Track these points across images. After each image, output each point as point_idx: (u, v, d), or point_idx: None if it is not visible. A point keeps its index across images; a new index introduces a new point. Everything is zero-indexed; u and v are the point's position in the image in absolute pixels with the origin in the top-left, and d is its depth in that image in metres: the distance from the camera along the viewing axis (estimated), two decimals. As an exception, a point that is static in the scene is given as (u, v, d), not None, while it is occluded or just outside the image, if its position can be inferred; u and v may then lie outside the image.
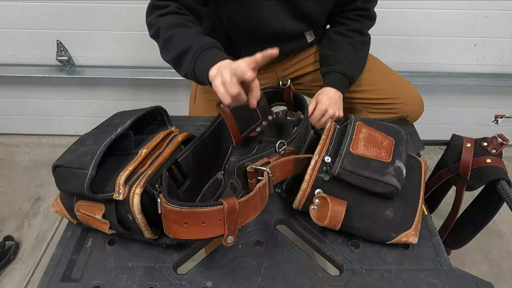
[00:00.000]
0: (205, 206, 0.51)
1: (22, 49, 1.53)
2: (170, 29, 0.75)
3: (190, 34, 0.74)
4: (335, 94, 0.89)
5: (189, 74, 0.73)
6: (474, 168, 0.79)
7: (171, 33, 0.74)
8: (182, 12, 0.78)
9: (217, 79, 0.62)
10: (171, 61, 0.77)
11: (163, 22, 0.75)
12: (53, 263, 0.63)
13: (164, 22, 0.75)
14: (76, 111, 1.78)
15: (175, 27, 0.75)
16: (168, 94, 1.69)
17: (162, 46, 0.78)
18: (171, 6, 0.77)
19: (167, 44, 0.76)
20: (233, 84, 0.58)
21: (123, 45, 1.51)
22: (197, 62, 0.70)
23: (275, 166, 0.62)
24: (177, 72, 0.79)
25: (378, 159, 0.64)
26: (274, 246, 0.65)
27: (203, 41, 0.72)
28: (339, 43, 0.95)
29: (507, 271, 1.30)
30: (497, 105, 1.66)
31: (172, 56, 0.75)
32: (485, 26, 1.40)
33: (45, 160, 1.76)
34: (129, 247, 0.65)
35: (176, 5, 0.77)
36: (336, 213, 0.61)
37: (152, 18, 0.78)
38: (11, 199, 1.57)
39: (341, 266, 0.62)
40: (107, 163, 0.61)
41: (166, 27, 0.75)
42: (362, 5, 0.92)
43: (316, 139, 0.72)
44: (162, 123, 0.75)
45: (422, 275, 0.61)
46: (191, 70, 0.72)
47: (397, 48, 1.48)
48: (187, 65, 0.72)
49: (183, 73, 0.76)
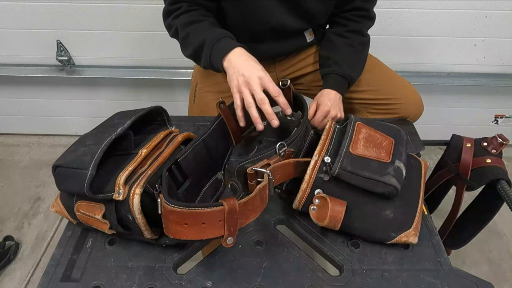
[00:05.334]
0: (206, 206, 0.51)
1: (22, 49, 1.53)
2: (185, 28, 0.81)
3: (203, 28, 0.80)
4: (335, 95, 0.89)
5: (208, 66, 0.80)
6: (474, 168, 0.79)
7: (187, 32, 0.81)
8: (193, 9, 0.83)
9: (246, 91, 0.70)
10: (191, 57, 0.85)
11: (179, 22, 0.82)
12: (53, 263, 0.63)
13: (179, 22, 0.82)
14: (76, 111, 1.78)
15: (188, 25, 0.81)
16: (167, 94, 1.69)
17: (181, 44, 0.85)
18: (183, 7, 0.83)
19: (184, 42, 0.83)
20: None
21: (123, 45, 1.51)
22: (212, 54, 0.77)
23: (276, 168, 0.62)
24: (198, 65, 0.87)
25: (378, 159, 0.64)
26: (274, 246, 0.65)
27: (215, 33, 0.78)
28: (338, 44, 0.95)
29: (507, 271, 1.30)
30: (497, 105, 1.66)
31: (190, 52, 0.83)
32: (485, 26, 1.40)
33: (45, 160, 1.76)
34: (129, 247, 0.65)
35: (187, 4, 0.83)
36: (336, 213, 0.61)
37: (169, 20, 0.85)
38: (11, 199, 1.57)
39: (341, 266, 0.62)
40: (107, 163, 0.61)
41: (181, 26, 0.82)
42: (361, 5, 0.92)
43: (316, 139, 0.72)
44: (162, 123, 0.74)
45: (422, 275, 0.61)
46: (209, 62, 0.79)
47: (397, 48, 1.48)
48: (204, 58, 0.79)
49: (203, 66, 0.82)
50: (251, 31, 0.91)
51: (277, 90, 0.71)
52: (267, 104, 0.69)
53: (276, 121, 0.69)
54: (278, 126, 0.70)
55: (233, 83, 0.73)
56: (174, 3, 0.84)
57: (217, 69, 0.79)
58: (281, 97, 0.71)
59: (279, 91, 0.71)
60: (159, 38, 1.45)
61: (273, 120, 0.69)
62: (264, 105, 0.69)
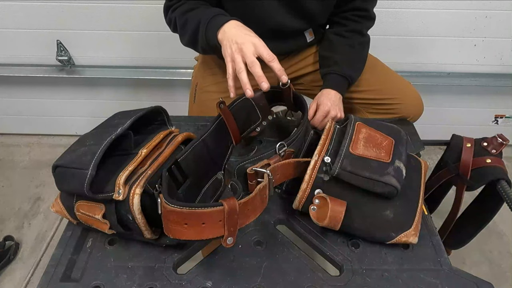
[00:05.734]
0: (206, 206, 0.51)
1: (22, 49, 1.52)
2: (183, 16, 0.81)
3: (199, 12, 0.79)
4: (335, 95, 0.89)
5: (205, 46, 0.78)
6: (474, 168, 0.79)
7: (185, 18, 0.81)
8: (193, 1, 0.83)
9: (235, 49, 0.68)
10: (189, 43, 0.83)
11: (177, 13, 0.82)
12: (53, 263, 0.63)
13: (177, 13, 0.82)
14: (76, 111, 1.78)
15: (185, 13, 0.81)
16: (167, 94, 1.69)
17: (180, 33, 0.84)
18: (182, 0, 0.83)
19: (182, 30, 0.82)
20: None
21: (123, 45, 1.51)
22: (207, 31, 0.76)
23: (276, 168, 0.62)
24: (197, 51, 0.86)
25: (378, 159, 0.64)
26: (274, 246, 0.65)
27: (210, 12, 0.77)
28: (338, 44, 0.95)
29: (507, 271, 1.30)
30: (497, 105, 1.66)
31: (188, 37, 0.81)
32: (485, 26, 1.40)
33: (45, 160, 1.76)
34: (129, 247, 0.65)
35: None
36: (336, 213, 0.61)
37: (169, 14, 0.85)
38: (11, 199, 1.57)
39: (341, 266, 0.62)
40: (107, 163, 0.61)
41: (179, 15, 0.82)
42: (361, 5, 0.92)
43: (316, 139, 0.72)
44: (162, 123, 0.74)
45: (422, 275, 0.61)
46: (205, 41, 0.77)
47: (397, 48, 1.48)
48: (201, 38, 0.77)
49: (200, 49, 0.81)
50: None
51: (271, 55, 0.68)
52: (257, 67, 0.66)
53: (266, 84, 0.66)
54: (268, 90, 0.67)
55: (226, 52, 0.71)
56: None
57: (214, 46, 0.76)
58: (275, 63, 0.68)
59: (273, 56, 0.68)
60: (159, 38, 1.45)
61: (263, 82, 0.66)
62: (254, 68, 0.66)
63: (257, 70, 0.67)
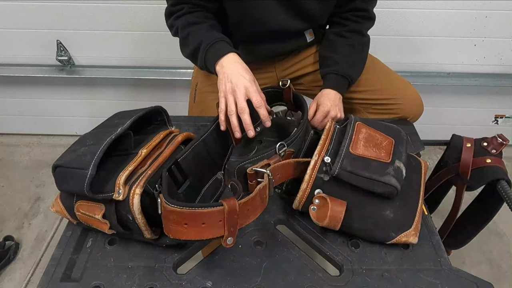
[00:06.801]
0: (206, 206, 0.51)
1: (22, 49, 1.52)
2: (185, 29, 0.84)
3: (202, 30, 0.83)
4: (335, 95, 0.89)
5: (203, 67, 0.83)
6: (474, 168, 0.79)
7: (187, 32, 0.83)
8: (194, 11, 0.85)
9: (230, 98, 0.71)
10: (189, 57, 0.87)
11: (180, 23, 0.84)
12: (53, 263, 0.63)
13: (180, 23, 0.84)
14: (76, 111, 1.78)
15: (188, 26, 0.83)
16: (167, 94, 1.69)
17: (181, 44, 0.88)
18: (185, 8, 0.84)
19: (184, 42, 0.86)
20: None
21: (123, 45, 1.50)
22: (207, 56, 0.80)
23: (276, 168, 0.62)
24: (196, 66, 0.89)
25: (378, 159, 0.64)
26: (274, 246, 0.65)
27: (212, 36, 0.81)
28: (338, 44, 0.95)
29: (507, 271, 1.30)
30: (497, 105, 1.66)
31: (188, 52, 0.85)
32: (485, 26, 1.40)
33: (45, 160, 1.76)
34: (129, 247, 0.65)
35: (189, 6, 0.84)
36: (336, 213, 0.61)
37: (171, 20, 0.87)
38: (11, 199, 1.57)
39: (341, 266, 0.63)
40: (107, 163, 0.61)
41: (182, 27, 0.84)
42: (361, 5, 0.92)
43: (316, 139, 0.72)
44: (162, 123, 0.75)
45: (422, 275, 0.61)
46: (204, 64, 0.82)
47: (397, 48, 1.48)
48: (200, 59, 0.82)
49: (199, 66, 0.85)
50: (251, 32, 0.91)
51: (259, 101, 0.72)
52: (246, 114, 0.70)
53: (252, 132, 0.70)
54: (253, 136, 0.71)
55: (221, 88, 0.75)
56: (176, 4, 0.85)
57: (211, 71, 0.81)
58: (262, 109, 0.72)
59: (261, 102, 0.72)
60: (159, 38, 1.45)
61: (249, 131, 0.70)
62: (243, 115, 0.70)
63: (245, 117, 0.70)
